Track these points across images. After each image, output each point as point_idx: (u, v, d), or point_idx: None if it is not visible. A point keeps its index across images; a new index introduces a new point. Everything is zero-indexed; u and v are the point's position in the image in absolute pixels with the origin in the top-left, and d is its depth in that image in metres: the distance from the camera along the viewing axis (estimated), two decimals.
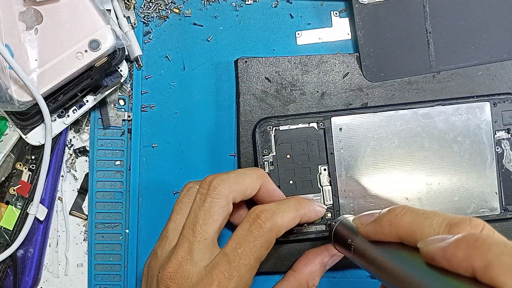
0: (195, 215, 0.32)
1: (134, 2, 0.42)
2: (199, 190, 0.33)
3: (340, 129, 0.40)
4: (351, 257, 0.31)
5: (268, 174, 0.39)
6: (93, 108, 0.42)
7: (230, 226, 0.40)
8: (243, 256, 0.30)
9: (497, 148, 0.40)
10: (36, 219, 0.40)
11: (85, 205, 0.43)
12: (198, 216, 0.32)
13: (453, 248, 0.20)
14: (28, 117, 0.38)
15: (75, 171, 0.43)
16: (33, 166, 0.41)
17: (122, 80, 0.41)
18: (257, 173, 0.35)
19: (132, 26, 0.42)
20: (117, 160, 0.42)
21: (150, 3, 0.42)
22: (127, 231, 0.42)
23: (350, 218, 0.34)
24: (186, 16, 0.43)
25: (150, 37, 0.43)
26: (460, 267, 0.20)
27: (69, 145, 0.43)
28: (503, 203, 0.40)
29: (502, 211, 0.40)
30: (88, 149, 0.43)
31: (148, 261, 0.34)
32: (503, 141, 0.40)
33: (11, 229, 0.41)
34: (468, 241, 0.20)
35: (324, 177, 0.39)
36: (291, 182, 0.39)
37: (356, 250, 0.30)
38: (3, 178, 0.41)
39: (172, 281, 0.31)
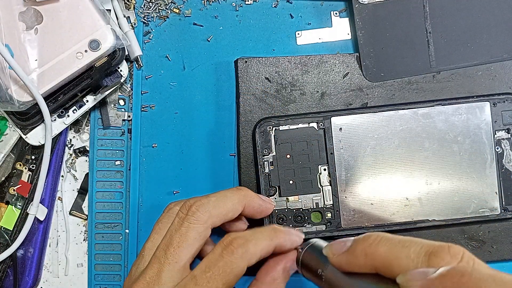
0: (170, 237, 0.32)
1: (134, 2, 0.42)
2: (178, 213, 0.33)
3: (340, 129, 0.40)
4: (322, 287, 0.29)
5: (268, 174, 0.39)
6: (93, 108, 0.42)
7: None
8: (211, 280, 0.30)
9: (497, 148, 0.40)
10: (36, 219, 0.40)
11: (85, 205, 0.43)
12: (173, 238, 0.32)
13: (438, 286, 0.19)
14: (28, 117, 0.38)
15: (75, 171, 0.43)
16: (33, 166, 0.41)
17: (122, 80, 0.41)
18: (239, 195, 0.34)
19: (132, 26, 0.42)
20: (117, 160, 0.42)
21: (150, 3, 0.42)
22: (127, 231, 0.42)
23: (318, 243, 0.31)
24: (186, 16, 0.43)
25: (150, 37, 0.43)
26: None
27: (69, 145, 0.43)
28: (503, 203, 0.40)
29: (502, 211, 0.40)
30: (88, 149, 0.43)
31: (125, 280, 0.34)
32: (503, 141, 0.40)
33: (11, 229, 0.41)
34: (453, 277, 0.19)
35: (324, 177, 0.39)
36: (291, 182, 0.39)
37: (327, 281, 0.28)
38: (3, 178, 0.41)
39: None
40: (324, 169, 0.40)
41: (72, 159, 0.43)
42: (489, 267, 0.21)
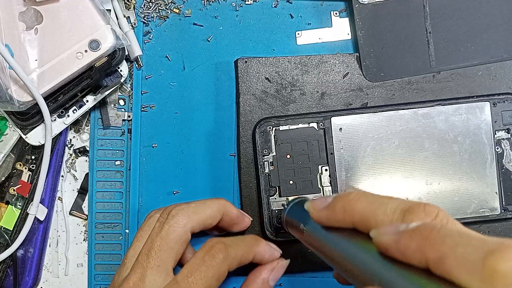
0: (151, 241, 0.33)
1: (134, 2, 0.42)
2: (159, 218, 0.34)
3: (340, 129, 0.40)
4: (304, 242, 0.30)
5: (268, 174, 0.39)
6: (93, 108, 0.42)
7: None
8: (193, 285, 0.30)
9: (497, 148, 0.40)
10: (36, 219, 0.40)
11: (85, 205, 0.43)
12: (154, 242, 0.32)
13: (407, 240, 0.19)
14: (28, 117, 0.38)
15: (75, 171, 0.43)
16: (33, 166, 0.41)
17: (122, 80, 0.41)
18: (218, 204, 0.36)
19: (132, 26, 0.42)
20: (117, 160, 0.42)
21: (150, 3, 0.42)
22: (127, 231, 0.42)
23: (302, 200, 0.33)
24: (186, 16, 0.43)
25: (150, 37, 0.43)
26: (413, 259, 0.19)
27: (69, 145, 0.43)
28: (503, 203, 0.40)
29: (502, 211, 0.40)
30: (88, 149, 0.43)
31: None
32: (503, 141, 0.40)
33: (11, 229, 0.41)
34: (422, 232, 0.19)
35: (325, 177, 0.39)
36: (291, 182, 0.39)
37: (308, 236, 0.29)
38: (3, 178, 0.41)
39: None
40: (325, 169, 0.40)
41: (72, 159, 0.43)
42: (462, 226, 0.21)
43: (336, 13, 0.43)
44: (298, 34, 0.43)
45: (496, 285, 0.16)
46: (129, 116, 0.42)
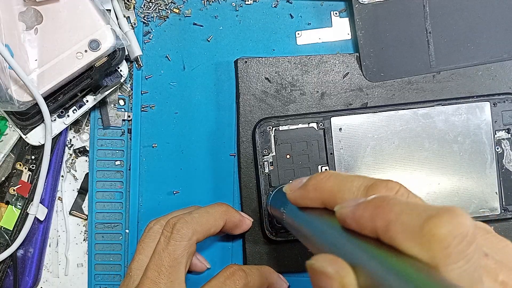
0: (159, 257, 0.33)
1: (134, 2, 0.42)
2: (163, 232, 0.34)
3: (340, 129, 0.40)
4: (285, 225, 0.32)
5: (268, 174, 0.39)
6: (93, 108, 0.42)
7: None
8: None
9: (497, 148, 0.40)
10: (36, 219, 0.40)
11: (85, 205, 0.43)
12: (163, 258, 0.33)
13: (361, 210, 0.20)
14: (28, 117, 0.38)
15: (75, 171, 0.43)
16: (33, 166, 0.41)
17: (122, 80, 0.41)
18: (221, 211, 0.36)
19: (132, 26, 0.42)
20: (117, 160, 0.42)
21: (150, 3, 0.42)
22: (127, 231, 0.42)
23: (283, 187, 0.34)
24: (186, 16, 0.43)
25: (150, 37, 0.43)
26: (366, 228, 0.20)
27: (69, 145, 0.43)
28: (503, 203, 0.40)
29: (502, 211, 0.40)
30: (88, 149, 0.43)
31: None
32: (503, 141, 0.40)
33: (11, 229, 0.41)
34: (375, 203, 0.20)
35: None
36: (291, 182, 0.39)
37: (286, 218, 0.30)
38: (3, 178, 0.41)
39: None
40: (325, 169, 0.39)
41: (72, 159, 0.43)
42: (421, 199, 0.22)
43: (336, 13, 0.43)
44: (298, 34, 0.43)
45: (433, 249, 0.17)
46: (129, 116, 0.43)
